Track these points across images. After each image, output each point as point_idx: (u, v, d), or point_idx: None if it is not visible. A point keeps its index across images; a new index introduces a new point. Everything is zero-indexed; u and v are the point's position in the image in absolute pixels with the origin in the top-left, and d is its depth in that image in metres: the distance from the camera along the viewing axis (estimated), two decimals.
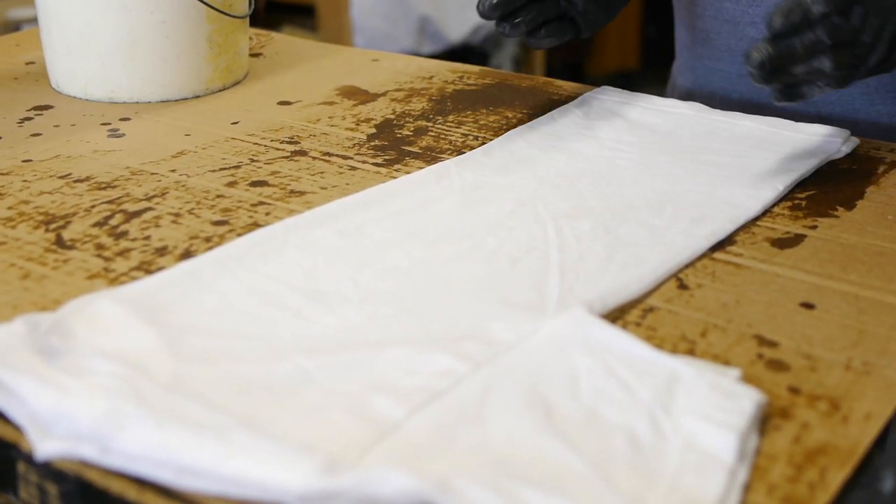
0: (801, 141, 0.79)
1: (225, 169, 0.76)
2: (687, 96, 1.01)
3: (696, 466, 0.44)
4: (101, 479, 0.45)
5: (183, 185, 0.73)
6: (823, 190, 0.73)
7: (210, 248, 0.63)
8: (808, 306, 0.58)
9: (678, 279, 0.61)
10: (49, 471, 0.47)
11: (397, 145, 0.81)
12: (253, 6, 0.98)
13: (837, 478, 0.45)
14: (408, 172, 0.75)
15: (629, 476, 0.44)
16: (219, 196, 0.71)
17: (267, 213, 0.68)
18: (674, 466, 0.44)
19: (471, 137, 0.83)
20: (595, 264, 0.61)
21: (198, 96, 0.93)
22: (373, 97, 0.93)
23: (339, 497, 0.42)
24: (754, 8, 0.90)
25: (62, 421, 0.45)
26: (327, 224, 0.65)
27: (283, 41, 1.12)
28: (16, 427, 0.48)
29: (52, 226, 0.67)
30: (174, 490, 0.44)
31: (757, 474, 0.45)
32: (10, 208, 0.69)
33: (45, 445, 0.45)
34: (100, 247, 0.64)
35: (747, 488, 0.44)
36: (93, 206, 0.69)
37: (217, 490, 0.43)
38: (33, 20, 0.99)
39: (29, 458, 0.47)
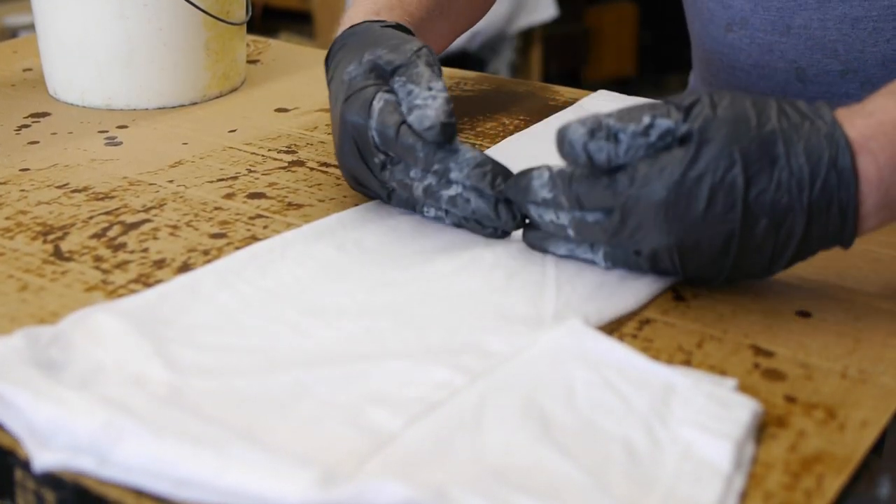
0: None
1: (223, 180, 0.76)
2: None
3: (692, 475, 0.44)
4: (98, 487, 0.45)
5: (181, 197, 0.73)
6: None
7: (208, 262, 0.63)
8: (804, 314, 0.58)
9: (674, 290, 0.61)
10: (46, 478, 0.47)
11: None
12: (250, 13, 0.98)
13: (834, 485, 0.45)
14: None
15: (626, 486, 0.44)
16: (217, 208, 0.71)
17: (265, 227, 0.68)
18: (670, 476, 0.44)
19: (468, 145, 0.83)
20: (591, 277, 0.61)
21: (195, 103, 0.93)
22: None
23: None
24: (765, 80, 0.88)
25: (60, 433, 0.46)
26: (325, 238, 0.65)
27: (281, 48, 1.12)
28: (13, 434, 0.48)
29: (50, 237, 0.67)
30: (172, 499, 0.44)
31: (753, 482, 0.45)
32: (7, 218, 0.69)
33: (43, 457, 0.45)
34: (98, 259, 0.64)
35: (744, 497, 0.44)
36: (91, 217, 0.69)
37: (215, 502, 0.43)
38: (30, 27, 0.99)
39: (26, 466, 0.47)
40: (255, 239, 0.66)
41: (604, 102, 0.89)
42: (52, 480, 0.47)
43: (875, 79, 0.83)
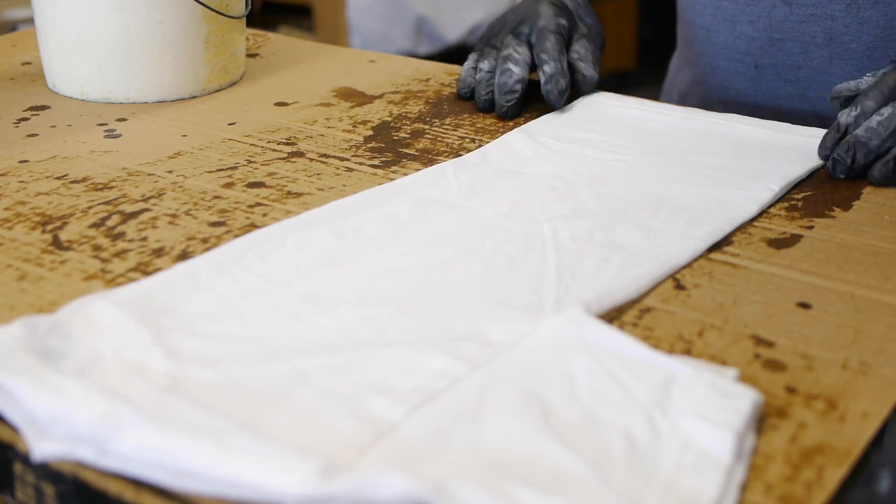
0: (797, 143, 0.79)
1: (222, 170, 0.76)
2: (687, 91, 1.02)
3: (693, 466, 0.44)
4: (97, 480, 0.45)
5: (180, 187, 0.73)
6: (820, 190, 0.73)
7: (207, 250, 0.63)
8: (805, 306, 0.58)
9: (675, 279, 0.61)
10: (46, 471, 0.47)
11: (394, 147, 0.81)
12: (250, 6, 0.98)
13: (834, 477, 0.45)
14: (404, 174, 0.75)
15: (626, 476, 0.44)
16: (216, 197, 0.71)
17: (264, 215, 0.69)
18: (671, 466, 0.44)
19: (467, 140, 0.83)
20: (592, 265, 0.61)
21: (194, 97, 0.93)
22: (370, 99, 0.93)
23: (335, 500, 0.42)
24: (752, 7, 0.92)
25: (59, 422, 0.45)
26: (324, 225, 0.65)
27: (280, 42, 1.12)
28: (12, 427, 0.48)
29: (49, 227, 0.67)
30: (171, 491, 0.44)
31: (754, 474, 0.45)
32: (6, 209, 0.69)
33: (42, 446, 0.45)
34: (97, 248, 0.64)
35: (744, 488, 0.44)
36: (90, 207, 0.69)
37: (214, 492, 0.43)
38: (30, 20, 0.99)
39: (25, 459, 0.47)
40: (254, 227, 0.66)
41: (602, 100, 0.89)
42: (52, 474, 0.46)
43: (860, 0, 0.86)
